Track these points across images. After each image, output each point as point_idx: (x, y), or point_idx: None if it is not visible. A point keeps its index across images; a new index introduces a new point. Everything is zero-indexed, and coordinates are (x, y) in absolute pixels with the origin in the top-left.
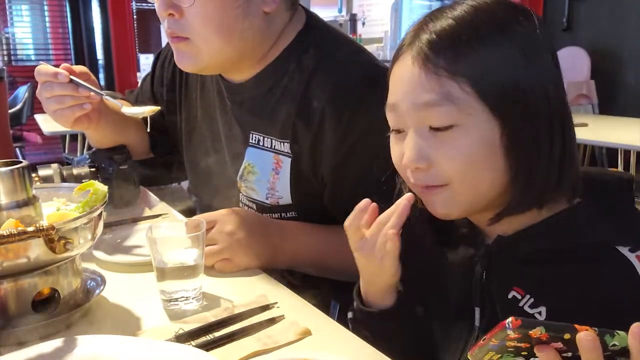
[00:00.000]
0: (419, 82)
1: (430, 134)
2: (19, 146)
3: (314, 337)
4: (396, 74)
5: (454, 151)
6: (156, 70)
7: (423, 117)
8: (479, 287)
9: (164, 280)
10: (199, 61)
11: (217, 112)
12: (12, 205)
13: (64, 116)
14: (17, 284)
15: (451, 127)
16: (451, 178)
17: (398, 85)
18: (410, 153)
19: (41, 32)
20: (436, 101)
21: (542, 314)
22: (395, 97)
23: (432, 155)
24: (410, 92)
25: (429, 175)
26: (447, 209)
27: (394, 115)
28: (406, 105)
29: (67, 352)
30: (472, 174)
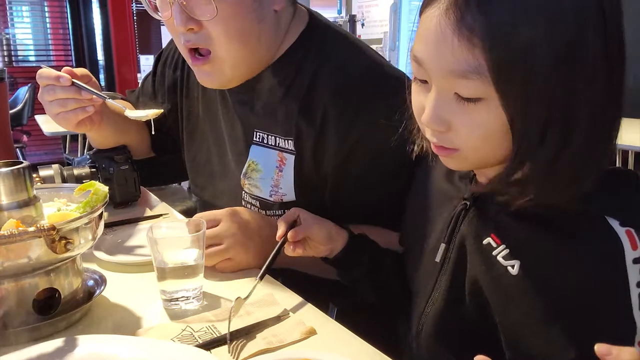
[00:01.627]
0: (449, 46)
1: (454, 100)
2: (20, 147)
3: (316, 337)
4: (426, 21)
5: (475, 123)
6: (157, 69)
7: (451, 83)
8: (452, 224)
9: (165, 280)
10: (222, 75)
11: (219, 110)
12: (13, 206)
13: (67, 119)
14: (18, 284)
15: (479, 99)
16: (464, 146)
17: (425, 38)
18: (430, 114)
19: (42, 33)
20: (467, 73)
21: (515, 268)
22: (422, 51)
23: (452, 121)
24: (439, 54)
25: (443, 138)
26: (457, 167)
27: (418, 67)
28: (433, 66)
29: (67, 351)
30: (487, 147)
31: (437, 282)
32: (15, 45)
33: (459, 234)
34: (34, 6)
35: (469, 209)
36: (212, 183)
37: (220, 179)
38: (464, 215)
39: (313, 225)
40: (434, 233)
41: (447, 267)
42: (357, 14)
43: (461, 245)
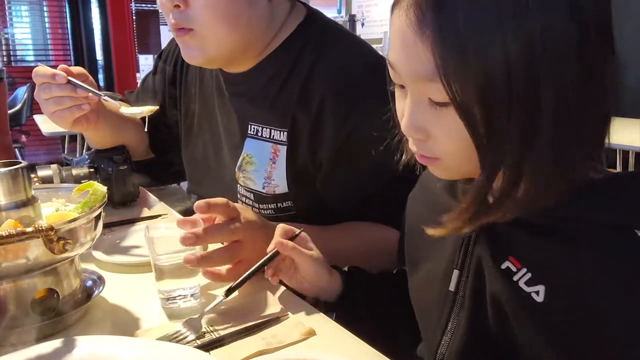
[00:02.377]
0: (413, 48)
1: (428, 106)
2: (19, 147)
3: (315, 338)
4: (393, 23)
5: (450, 129)
6: (158, 67)
7: (422, 87)
8: (463, 248)
9: (162, 279)
10: (205, 52)
11: (215, 105)
12: (11, 206)
13: (63, 117)
14: (16, 285)
15: (449, 103)
16: (444, 154)
17: (393, 41)
18: (407, 121)
19: (40, 32)
20: (433, 76)
21: (540, 294)
22: (392, 54)
23: (429, 129)
24: (406, 57)
25: (423, 146)
26: (443, 176)
27: (393, 72)
28: (403, 70)
29: (66, 352)
30: (467, 154)
31: (452, 312)
32: (14, 45)
33: (473, 258)
34: (32, 6)
35: (481, 231)
36: (208, 178)
37: (216, 173)
38: (475, 237)
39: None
40: (442, 256)
41: (464, 296)
42: (356, 14)
43: (477, 271)
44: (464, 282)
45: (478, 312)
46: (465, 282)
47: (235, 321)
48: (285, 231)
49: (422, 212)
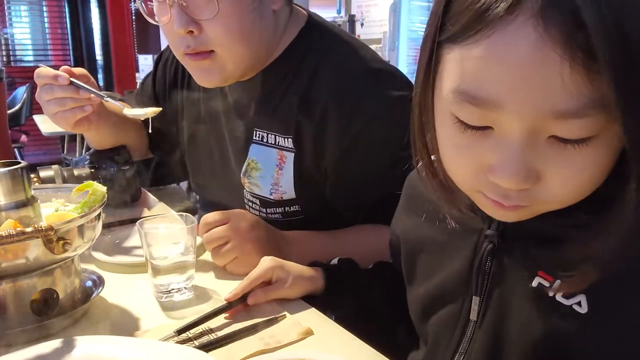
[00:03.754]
0: (557, 79)
1: (547, 144)
2: (18, 147)
3: (313, 337)
4: (493, 52)
5: (577, 168)
6: (158, 70)
7: (549, 125)
8: (482, 271)
9: (157, 272)
10: (224, 73)
11: (220, 110)
12: (10, 206)
13: (65, 119)
14: (16, 285)
15: (589, 138)
16: (552, 199)
17: (504, 74)
18: (517, 171)
19: (40, 32)
20: (582, 110)
21: (583, 305)
22: (496, 94)
23: (544, 172)
24: (536, 92)
25: (523, 196)
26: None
27: (481, 112)
28: (524, 108)
29: (65, 352)
30: (580, 195)
31: (464, 334)
32: (14, 45)
33: (495, 281)
34: (32, 6)
35: (497, 248)
36: (214, 182)
37: (221, 177)
38: (493, 257)
39: (284, 287)
40: (450, 275)
41: (481, 322)
42: (356, 14)
43: (499, 294)
44: (484, 309)
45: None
46: (486, 308)
47: (234, 321)
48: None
49: (419, 222)
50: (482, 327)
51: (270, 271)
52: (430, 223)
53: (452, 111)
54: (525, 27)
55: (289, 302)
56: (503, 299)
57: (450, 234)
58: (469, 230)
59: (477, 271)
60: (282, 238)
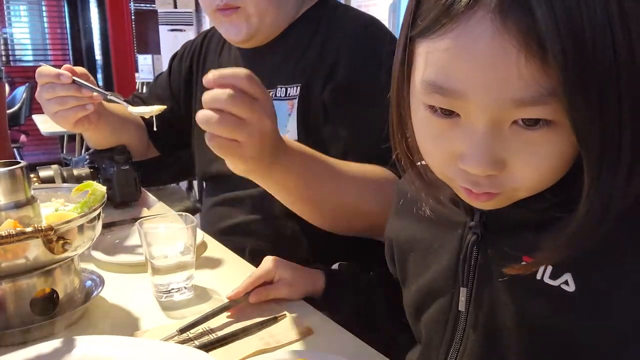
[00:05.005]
0: (514, 69)
1: (510, 132)
2: (17, 147)
3: (313, 337)
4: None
5: (541, 155)
6: (174, 66)
7: (510, 113)
8: (467, 262)
9: (157, 272)
10: (250, 28)
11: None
12: (10, 206)
13: (66, 117)
14: (16, 285)
15: (550, 123)
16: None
17: (466, 66)
18: (481, 158)
19: (39, 32)
20: (538, 98)
21: (570, 284)
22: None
23: (509, 160)
24: (496, 82)
25: (491, 183)
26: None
27: (449, 100)
28: (485, 97)
29: (65, 352)
30: (547, 182)
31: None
32: (13, 45)
33: (479, 271)
34: (31, 5)
35: (481, 239)
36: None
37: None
38: (478, 248)
39: (285, 287)
40: (438, 270)
41: (476, 315)
42: None
43: (487, 284)
44: (474, 300)
45: (494, 329)
46: (474, 299)
47: (234, 321)
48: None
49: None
50: (473, 319)
51: (272, 271)
52: (418, 223)
53: (423, 101)
54: (484, 21)
55: (289, 302)
56: (491, 288)
57: (437, 230)
58: (453, 225)
59: (462, 263)
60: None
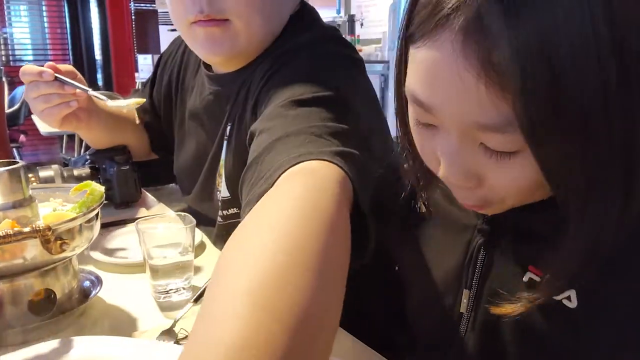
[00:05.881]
0: (474, 95)
1: (482, 151)
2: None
3: None
4: (428, 58)
5: (512, 178)
6: (157, 75)
7: (476, 134)
8: (472, 265)
9: (155, 273)
10: (235, 46)
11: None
12: (8, 206)
13: (52, 115)
14: (13, 285)
15: (516, 152)
16: (500, 200)
17: (433, 81)
18: (455, 170)
19: (39, 32)
20: (499, 126)
21: (573, 300)
22: (430, 97)
23: (484, 176)
24: (458, 104)
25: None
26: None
27: (423, 112)
28: (450, 116)
29: (63, 353)
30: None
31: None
32: (13, 45)
33: (488, 276)
34: (31, 5)
35: (489, 242)
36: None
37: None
38: (484, 253)
39: None
40: (444, 271)
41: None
42: (356, 14)
43: (492, 290)
44: (475, 303)
45: (491, 333)
46: (475, 302)
47: None
48: None
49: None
50: (474, 321)
51: None
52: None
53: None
54: (447, 44)
55: None
56: (494, 292)
57: (444, 232)
58: (461, 227)
59: (467, 264)
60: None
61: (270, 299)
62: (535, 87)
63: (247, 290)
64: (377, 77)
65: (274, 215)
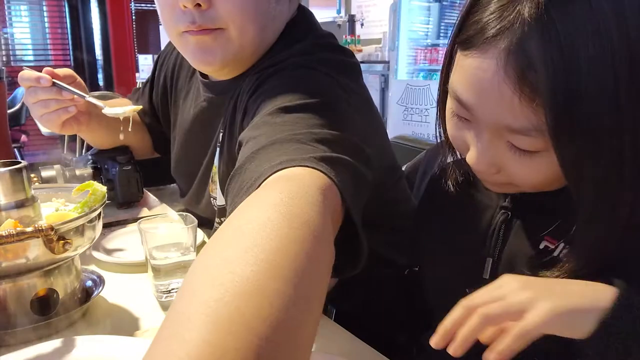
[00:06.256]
0: (508, 104)
1: (507, 147)
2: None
3: None
4: (474, 68)
5: (531, 171)
6: (155, 77)
7: (505, 134)
8: (495, 236)
9: (157, 272)
10: (227, 55)
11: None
12: (10, 206)
13: (51, 120)
14: (16, 285)
15: (536, 152)
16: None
17: (475, 88)
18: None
19: (40, 32)
20: (526, 130)
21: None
22: (471, 99)
23: (505, 167)
24: (494, 109)
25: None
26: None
27: (462, 109)
28: (486, 117)
29: (66, 352)
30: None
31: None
32: (14, 45)
33: (507, 248)
34: (32, 6)
35: (511, 219)
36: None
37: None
38: (507, 227)
39: None
40: (469, 249)
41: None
42: (356, 14)
43: (511, 259)
44: (496, 270)
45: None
46: (497, 269)
47: None
48: None
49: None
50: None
51: None
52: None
53: (450, 100)
54: (492, 59)
55: None
56: (512, 259)
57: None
58: (485, 206)
59: (490, 236)
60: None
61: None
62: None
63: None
64: (377, 77)
65: (247, 224)
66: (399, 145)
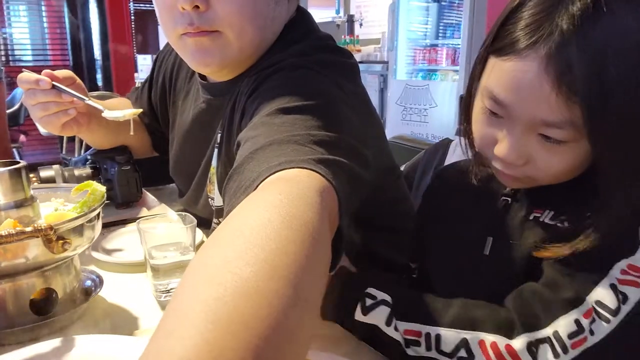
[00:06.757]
0: (546, 100)
1: (537, 139)
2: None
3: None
4: (514, 71)
5: (557, 160)
6: (153, 77)
7: (539, 127)
8: (497, 217)
9: (156, 272)
10: (225, 57)
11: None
12: (10, 206)
13: (51, 123)
14: (15, 284)
15: (564, 142)
16: (541, 177)
17: (514, 87)
18: (510, 150)
19: (39, 32)
20: (561, 124)
21: (565, 224)
22: (509, 98)
23: (532, 156)
24: (532, 105)
25: (517, 170)
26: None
27: (497, 107)
28: (522, 113)
29: (64, 352)
30: (564, 176)
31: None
32: (12, 45)
33: (506, 229)
34: (31, 5)
35: (511, 204)
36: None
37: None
38: (506, 211)
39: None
40: (474, 228)
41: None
42: (355, 14)
43: (506, 231)
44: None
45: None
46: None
47: None
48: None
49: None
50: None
51: None
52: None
53: (482, 100)
54: (533, 62)
55: None
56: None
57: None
58: (491, 195)
59: (492, 218)
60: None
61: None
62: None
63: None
64: (376, 77)
65: (247, 224)
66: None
